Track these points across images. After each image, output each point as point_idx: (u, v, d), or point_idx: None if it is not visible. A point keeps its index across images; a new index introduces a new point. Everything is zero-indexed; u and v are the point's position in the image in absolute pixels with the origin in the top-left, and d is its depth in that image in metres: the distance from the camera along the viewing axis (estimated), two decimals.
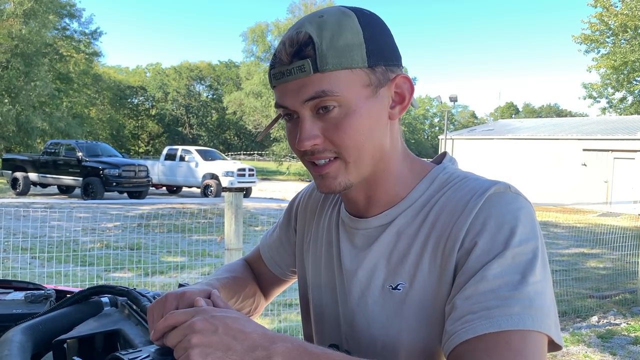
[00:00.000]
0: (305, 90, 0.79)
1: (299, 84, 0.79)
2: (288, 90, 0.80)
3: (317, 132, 0.81)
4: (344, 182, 0.84)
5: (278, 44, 0.82)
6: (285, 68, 0.79)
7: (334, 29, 0.79)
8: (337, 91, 0.78)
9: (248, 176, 19.89)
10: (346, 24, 0.79)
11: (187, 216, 8.50)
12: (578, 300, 6.36)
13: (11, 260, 6.25)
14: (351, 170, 0.83)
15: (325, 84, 0.78)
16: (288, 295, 5.55)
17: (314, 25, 0.79)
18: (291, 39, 0.79)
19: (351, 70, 0.79)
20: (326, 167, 0.83)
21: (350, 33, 0.79)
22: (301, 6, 39.70)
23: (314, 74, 0.78)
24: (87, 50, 39.31)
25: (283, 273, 1.17)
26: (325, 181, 0.84)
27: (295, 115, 0.82)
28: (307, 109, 0.80)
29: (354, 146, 0.81)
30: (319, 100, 0.79)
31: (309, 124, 0.81)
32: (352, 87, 0.80)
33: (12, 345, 0.89)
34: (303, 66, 0.78)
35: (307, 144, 0.80)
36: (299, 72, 0.78)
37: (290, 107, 0.81)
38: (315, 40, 0.78)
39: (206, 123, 61.61)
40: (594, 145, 22.03)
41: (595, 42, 33.66)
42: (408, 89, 0.86)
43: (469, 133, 29.51)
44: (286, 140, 5.48)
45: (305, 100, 0.79)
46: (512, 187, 0.81)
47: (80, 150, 17.42)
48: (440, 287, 0.80)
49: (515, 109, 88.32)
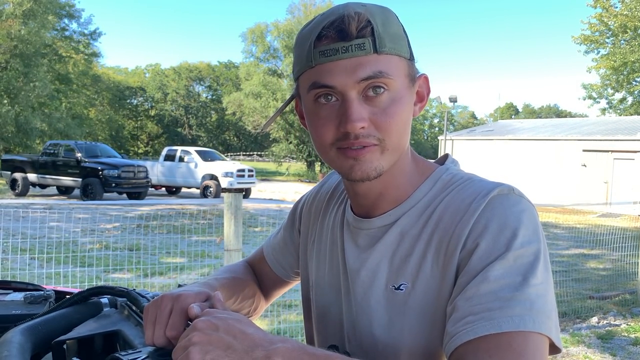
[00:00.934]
0: (362, 68, 0.77)
1: (356, 62, 0.77)
2: (341, 68, 0.77)
3: (365, 115, 0.79)
4: (379, 168, 0.82)
5: (321, 21, 0.79)
6: (340, 45, 0.77)
7: (383, 17, 0.79)
8: (392, 74, 0.78)
9: (247, 177, 19.90)
10: (390, 15, 0.81)
11: (186, 217, 8.50)
12: (578, 301, 6.36)
13: (10, 261, 6.24)
14: (387, 157, 0.82)
15: (382, 65, 0.78)
16: (288, 297, 5.55)
17: (364, 10, 0.78)
18: (349, 17, 0.77)
19: (400, 58, 0.80)
20: (364, 152, 0.80)
21: (396, 24, 0.81)
22: (301, 7, 39.72)
23: (372, 54, 0.77)
24: (86, 50, 39.29)
25: (286, 275, 1.17)
26: (362, 165, 0.81)
27: (336, 97, 0.80)
28: (356, 90, 0.78)
29: (396, 133, 0.81)
30: (374, 81, 0.78)
31: (358, 105, 0.78)
32: (400, 74, 0.80)
33: (12, 346, 0.89)
34: (363, 44, 0.76)
35: (357, 125, 0.77)
36: (358, 50, 0.77)
37: (339, 87, 0.78)
38: (373, 21, 0.77)
39: (205, 124, 61.60)
40: (594, 145, 22.04)
41: (595, 43, 33.70)
42: (427, 90, 0.88)
43: (469, 134, 29.53)
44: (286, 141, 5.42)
45: (362, 79, 0.77)
46: (515, 189, 0.81)
47: (80, 151, 17.43)
48: (442, 287, 0.79)
49: (515, 109, 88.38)
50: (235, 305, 1.06)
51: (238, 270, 1.17)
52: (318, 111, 0.82)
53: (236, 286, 1.07)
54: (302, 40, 0.82)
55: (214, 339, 0.66)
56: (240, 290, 1.08)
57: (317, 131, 0.83)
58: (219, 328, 0.67)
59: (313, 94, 0.81)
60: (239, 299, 1.07)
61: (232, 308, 1.04)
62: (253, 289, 1.14)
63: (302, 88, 0.85)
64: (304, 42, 0.81)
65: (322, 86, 0.79)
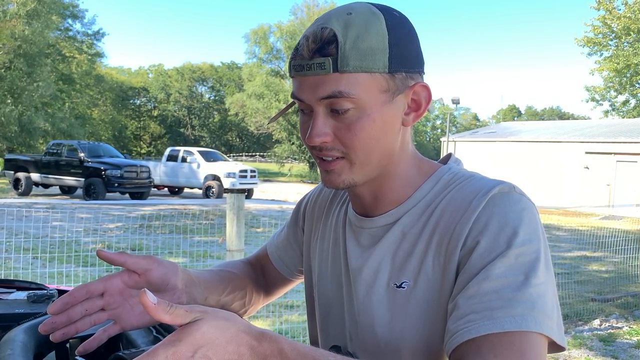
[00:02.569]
0: (322, 87, 0.79)
1: (317, 80, 0.79)
2: (306, 84, 0.80)
3: (328, 130, 0.81)
4: (348, 180, 0.85)
5: (302, 37, 0.81)
6: (305, 62, 0.79)
7: (359, 30, 0.77)
8: (354, 93, 0.78)
9: (250, 177, 19.89)
10: (373, 25, 0.78)
11: (188, 217, 8.51)
12: (580, 303, 6.34)
13: (13, 261, 6.25)
14: (356, 170, 0.84)
15: (343, 85, 0.78)
16: (289, 297, 5.55)
17: (341, 23, 0.78)
18: (315, 35, 0.78)
19: (371, 74, 0.78)
20: (332, 164, 0.84)
21: (375, 36, 0.78)
22: (303, 8, 39.80)
23: (332, 73, 0.77)
24: (90, 51, 39.39)
25: (290, 273, 1.17)
26: (330, 177, 0.85)
27: (310, 109, 0.82)
28: (322, 106, 0.80)
29: (362, 149, 0.82)
30: (334, 100, 0.79)
31: (321, 121, 0.81)
32: (369, 91, 0.79)
33: (15, 345, 0.89)
34: (323, 64, 0.77)
35: (316, 140, 0.81)
36: (318, 69, 0.78)
37: (306, 101, 0.81)
38: (339, 39, 0.77)
39: (208, 124, 61.66)
40: (597, 148, 21.99)
41: (598, 45, 33.64)
42: (425, 97, 0.86)
43: (471, 135, 29.49)
44: (288, 142, 5.48)
45: (322, 98, 0.79)
46: (516, 187, 0.81)
47: (82, 151, 17.44)
48: (443, 285, 0.80)
49: (518, 111, 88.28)
50: (225, 296, 1.05)
51: (229, 264, 1.18)
52: (301, 118, 0.86)
53: (219, 278, 1.06)
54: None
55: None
56: (229, 281, 1.08)
57: (302, 136, 0.87)
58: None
59: (295, 102, 0.85)
60: (228, 289, 1.06)
61: (221, 299, 1.04)
62: (244, 282, 1.13)
63: None
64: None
65: (296, 98, 0.83)
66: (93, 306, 0.87)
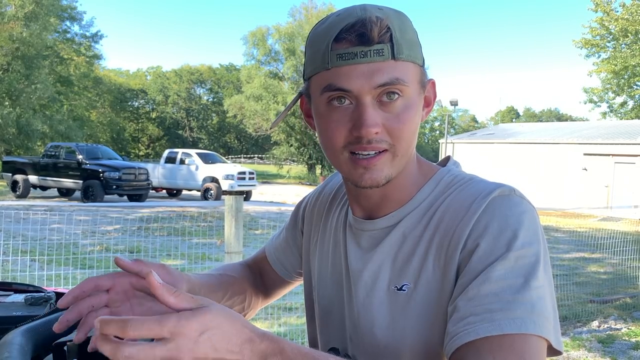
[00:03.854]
0: (379, 74, 0.77)
1: (374, 67, 0.77)
2: (358, 72, 0.77)
3: (379, 121, 0.79)
4: (389, 174, 0.82)
5: (338, 22, 0.78)
6: (360, 49, 0.76)
7: (399, 23, 0.79)
8: (407, 81, 0.79)
9: (248, 179, 19.89)
10: (406, 21, 0.81)
11: (187, 219, 8.50)
12: (579, 304, 6.35)
13: (11, 263, 6.24)
14: (396, 163, 0.82)
15: (399, 72, 0.78)
16: (288, 299, 5.54)
17: (383, 15, 0.78)
18: (370, 21, 0.76)
19: (415, 65, 0.80)
20: (375, 159, 0.80)
21: (411, 30, 0.81)
22: (302, 10, 39.81)
23: (389, 60, 0.77)
24: (88, 53, 39.40)
25: (288, 275, 1.17)
26: (372, 174, 0.81)
27: (350, 101, 0.79)
28: (371, 96, 0.78)
29: (407, 140, 0.81)
30: (390, 87, 0.78)
31: (372, 111, 0.78)
32: (414, 81, 0.81)
33: (12, 348, 0.89)
34: (382, 50, 0.76)
35: (372, 130, 0.77)
36: (376, 56, 0.76)
37: (355, 91, 0.78)
38: (391, 27, 0.77)
39: (206, 126, 61.68)
40: (595, 149, 22.04)
41: (596, 47, 33.72)
42: (433, 95, 0.89)
43: (470, 137, 29.54)
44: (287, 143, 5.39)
45: (379, 86, 0.77)
46: (516, 190, 0.81)
47: (81, 153, 17.45)
48: (444, 288, 0.80)
49: (516, 113, 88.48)
50: (225, 302, 1.05)
51: (228, 268, 1.17)
52: (331, 113, 0.81)
53: (218, 282, 1.05)
54: (317, 40, 0.81)
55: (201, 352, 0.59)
56: (228, 286, 1.07)
57: (328, 134, 0.82)
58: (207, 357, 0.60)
59: (326, 96, 0.80)
60: (227, 294, 1.06)
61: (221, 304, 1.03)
62: (243, 286, 1.12)
63: (313, 89, 0.84)
64: (320, 42, 0.80)
65: (337, 89, 0.79)
66: (99, 301, 0.86)
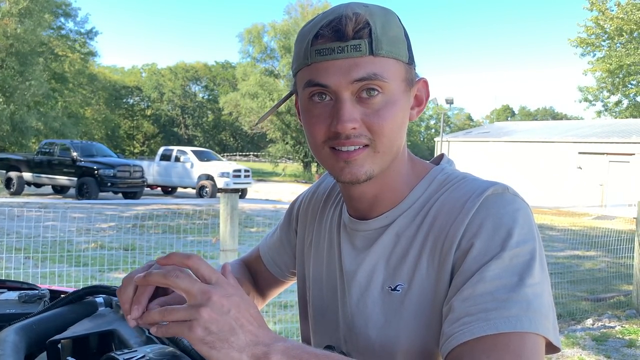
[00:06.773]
0: (356, 70, 0.77)
1: (351, 63, 0.77)
2: (335, 67, 0.78)
3: (357, 116, 0.79)
4: (369, 171, 0.82)
5: (322, 22, 0.79)
6: (337, 45, 0.77)
7: (383, 19, 0.79)
8: (386, 77, 0.78)
9: (244, 177, 19.86)
10: (391, 17, 0.81)
11: (182, 217, 8.47)
12: (573, 303, 6.37)
13: (5, 261, 6.21)
14: (378, 160, 0.82)
15: (377, 68, 0.78)
16: (284, 297, 5.54)
17: (364, 11, 0.78)
18: (347, 17, 0.77)
19: (397, 61, 0.80)
20: (355, 154, 0.80)
21: (396, 27, 0.80)
22: (298, 7, 39.76)
23: (367, 56, 0.77)
24: (83, 49, 39.20)
25: (282, 274, 1.16)
26: (351, 168, 0.81)
27: (330, 96, 0.80)
28: (349, 91, 0.78)
29: (387, 136, 0.81)
30: (368, 83, 0.78)
31: (350, 106, 0.79)
32: (396, 78, 0.80)
33: (6, 345, 0.88)
34: (359, 45, 0.77)
35: (348, 125, 0.78)
36: (354, 51, 0.77)
37: (332, 86, 0.78)
38: (371, 23, 0.77)
39: (202, 124, 61.50)
40: (590, 148, 22.10)
41: (591, 46, 33.82)
42: (425, 94, 0.89)
43: (465, 135, 29.57)
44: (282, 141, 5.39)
45: (355, 80, 0.77)
46: (510, 188, 0.81)
47: (75, 150, 17.36)
48: (438, 288, 0.79)
49: (511, 111, 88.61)
50: None
51: (232, 268, 1.16)
52: (312, 109, 0.82)
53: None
54: (302, 38, 0.82)
55: (221, 323, 0.64)
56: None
57: (310, 129, 0.83)
58: (230, 311, 0.65)
59: (308, 91, 0.81)
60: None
61: None
62: (246, 288, 1.13)
63: (298, 85, 0.85)
64: (303, 39, 0.81)
65: (316, 84, 0.79)
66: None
